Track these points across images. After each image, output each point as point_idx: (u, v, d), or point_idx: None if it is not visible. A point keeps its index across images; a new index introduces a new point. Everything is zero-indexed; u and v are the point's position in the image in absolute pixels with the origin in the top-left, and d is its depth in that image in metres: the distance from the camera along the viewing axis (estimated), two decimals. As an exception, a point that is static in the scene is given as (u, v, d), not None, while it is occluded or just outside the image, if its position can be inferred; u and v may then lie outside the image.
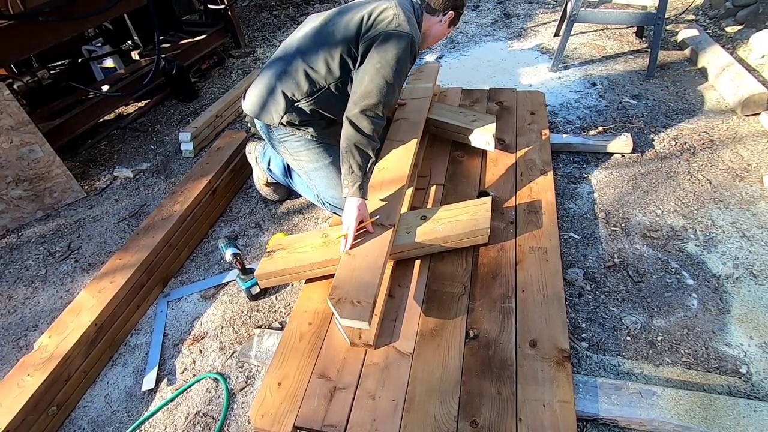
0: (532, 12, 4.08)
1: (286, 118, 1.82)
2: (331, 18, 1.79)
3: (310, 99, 1.78)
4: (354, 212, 1.59)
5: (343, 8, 1.80)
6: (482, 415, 1.30)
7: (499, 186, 2.06)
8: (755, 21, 3.15)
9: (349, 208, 1.62)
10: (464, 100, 2.63)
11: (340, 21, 1.75)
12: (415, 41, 1.68)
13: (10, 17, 2.29)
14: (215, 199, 2.30)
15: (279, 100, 1.80)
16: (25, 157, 2.35)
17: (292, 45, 1.83)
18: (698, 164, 2.24)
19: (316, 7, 4.80)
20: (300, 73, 1.76)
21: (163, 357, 1.74)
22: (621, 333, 1.60)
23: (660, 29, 2.80)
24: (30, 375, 1.49)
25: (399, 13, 1.69)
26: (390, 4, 1.73)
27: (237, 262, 1.79)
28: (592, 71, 3.10)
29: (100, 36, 3.50)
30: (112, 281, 1.78)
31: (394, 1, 1.74)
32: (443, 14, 1.85)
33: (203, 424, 1.52)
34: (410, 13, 1.75)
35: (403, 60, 1.65)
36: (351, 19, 1.73)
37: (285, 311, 1.84)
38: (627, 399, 1.35)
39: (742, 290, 1.68)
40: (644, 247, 1.88)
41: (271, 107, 1.82)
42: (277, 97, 1.80)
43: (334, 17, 1.79)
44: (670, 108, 2.65)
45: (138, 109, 3.35)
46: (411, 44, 1.66)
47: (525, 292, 1.60)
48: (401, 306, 1.61)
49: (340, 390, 1.40)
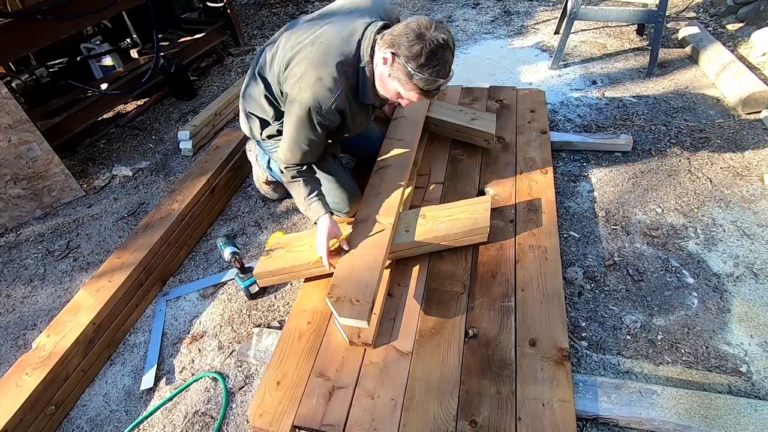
0: (532, 10, 4.07)
1: (266, 133, 1.83)
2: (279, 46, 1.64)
3: (277, 121, 1.76)
4: (323, 231, 1.61)
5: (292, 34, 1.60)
6: (481, 415, 1.30)
7: (498, 184, 2.05)
8: (756, 18, 3.14)
9: (319, 228, 1.63)
10: (464, 98, 2.62)
11: (276, 56, 1.62)
12: (314, 110, 1.48)
13: (9, 15, 2.28)
14: (214, 198, 2.29)
15: (254, 119, 1.82)
16: (24, 155, 2.34)
17: (256, 66, 1.74)
18: (699, 162, 2.23)
19: (316, 5, 4.78)
20: (262, 98, 1.72)
21: (162, 356, 1.74)
22: (621, 332, 1.60)
23: (661, 27, 2.79)
24: (28, 374, 1.49)
25: (305, 71, 1.47)
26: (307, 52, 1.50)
27: (236, 261, 1.78)
28: (593, 69, 3.09)
29: (98, 34, 3.48)
30: (110, 280, 1.78)
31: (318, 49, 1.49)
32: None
33: (202, 423, 1.51)
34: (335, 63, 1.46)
35: (304, 127, 1.53)
36: (282, 58, 1.58)
37: (284, 310, 1.83)
38: (627, 398, 1.35)
39: (742, 289, 1.67)
40: (644, 246, 1.87)
41: (251, 125, 1.85)
42: (251, 117, 1.82)
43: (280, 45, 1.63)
44: (671, 106, 2.64)
45: (137, 107, 3.34)
46: (309, 114, 1.49)
47: (525, 291, 1.60)
48: (400, 305, 1.61)
49: (338, 389, 1.40)
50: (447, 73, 1.41)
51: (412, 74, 1.37)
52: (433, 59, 1.34)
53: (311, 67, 1.48)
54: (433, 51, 1.33)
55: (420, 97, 1.45)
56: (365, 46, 1.48)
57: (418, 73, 1.36)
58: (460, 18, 4.07)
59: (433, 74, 1.37)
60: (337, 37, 1.49)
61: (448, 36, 1.37)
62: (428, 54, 1.33)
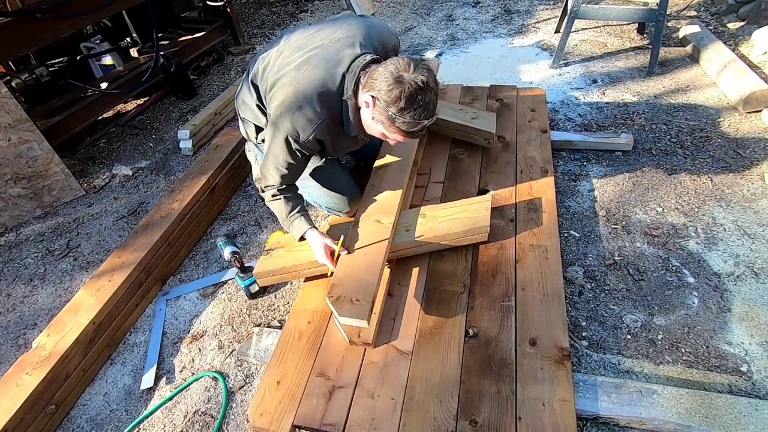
0: (532, 8, 4.06)
1: (261, 136, 1.82)
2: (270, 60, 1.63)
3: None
4: (317, 246, 1.61)
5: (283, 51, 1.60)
6: (482, 414, 1.30)
7: (499, 184, 2.05)
8: (757, 17, 3.13)
9: (312, 245, 1.64)
10: (464, 97, 2.62)
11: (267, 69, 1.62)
12: (291, 138, 1.47)
13: (8, 14, 2.28)
14: (214, 197, 2.29)
15: (249, 124, 1.81)
16: (24, 155, 2.34)
17: (250, 74, 1.73)
18: (699, 162, 2.22)
19: (316, 3, 4.77)
20: (254, 106, 1.71)
21: (162, 355, 1.74)
22: (621, 331, 1.59)
23: (661, 26, 2.78)
24: (28, 374, 1.49)
25: (286, 98, 1.45)
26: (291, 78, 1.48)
27: (236, 261, 1.78)
28: (593, 68, 3.08)
29: (98, 33, 3.48)
30: (110, 279, 1.78)
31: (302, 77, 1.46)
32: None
33: (202, 422, 1.51)
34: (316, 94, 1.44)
35: (282, 153, 1.52)
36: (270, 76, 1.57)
37: (284, 310, 1.83)
38: (627, 398, 1.34)
39: (743, 288, 1.67)
40: (645, 245, 1.87)
41: (246, 128, 1.86)
42: (246, 122, 1.82)
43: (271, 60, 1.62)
44: (672, 105, 2.63)
45: (137, 106, 3.34)
46: (287, 141, 1.48)
47: (525, 291, 1.59)
48: (400, 304, 1.61)
49: (339, 389, 1.40)
50: (430, 114, 1.37)
51: (393, 118, 1.35)
52: (414, 103, 1.32)
53: (293, 95, 1.45)
54: (412, 95, 1.30)
55: (405, 137, 1.43)
56: (349, 80, 1.44)
57: (399, 117, 1.34)
58: (461, 17, 4.06)
59: (414, 117, 1.34)
60: (323, 67, 1.46)
61: (428, 76, 1.33)
62: (407, 98, 1.31)
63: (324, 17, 4.48)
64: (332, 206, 1.90)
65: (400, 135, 1.42)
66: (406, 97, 1.31)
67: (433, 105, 1.38)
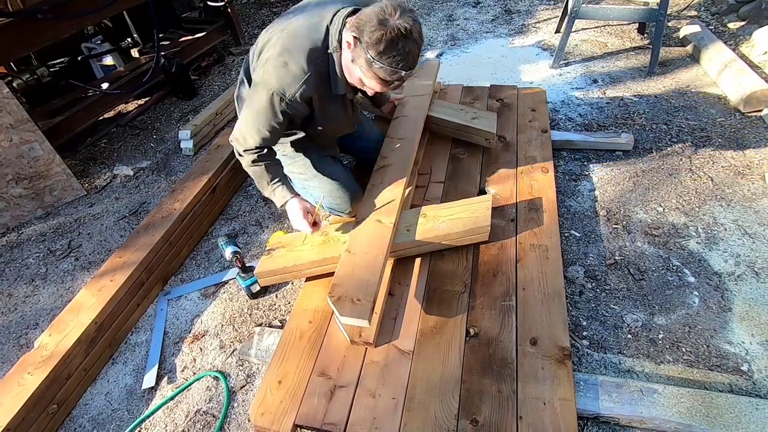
0: (533, 8, 4.06)
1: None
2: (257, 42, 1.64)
3: None
4: (296, 213, 1.61)
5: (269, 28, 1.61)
6: (482, 414, 1.30)
7: (499, 183, 2.05)
8: (758, 17, 3.13)
9: (291, 212, 1.65)
10: (465, 97, 2.62)
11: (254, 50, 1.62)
12: (276, 96, 1.45)
13: (9, 15, 2.29)
14: (215, 197, 2.29)
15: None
16: (25, 155, 2.34)
17: (243, 67, 1.74)
18: (700, 161, 2.22)
19: (316, 4, 4.78)
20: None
21: (164, 355, 1.74)
22: (622, 331, 1.60)
23: (662, 25, 2.78)
24: (30, 373, 1.49)
25: (271, 56, 1.45)
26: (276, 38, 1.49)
27: (237, 261, 1.78)
28: (594, 68, 3.09)
29: (99, 34, 3.48)
30: (112, 279, 1.78)
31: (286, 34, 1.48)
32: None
33: (203, 422, 1.52)
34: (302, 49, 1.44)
35: (266, 113, 1.49)
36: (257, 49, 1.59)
37: (285, 309, 1.84)
38: (628, 397, 1.35)
39: (743, 288, 1.67)
40: (645, 245, 1.87)
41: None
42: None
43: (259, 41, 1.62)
44: (672, 105, 2.63)
45: (138, 107, 3.34)
46: (271, 100, 1.46)
47: (526, 290, 1.60)
48: (401, 304, 1.61)
49: (340, 388, 1.40)
50: (409, 65, 1.35)
51: (371, 61, 1.33)
52: (393, 49, 1.30)
53: (278, 52, 1.44)
54: (393, 39, 1.29)
55: (382, 86, 1.42)
56: (333, 31, 1.44)
57: (377, 61, 1.32)
58: (461, 17, 4.07)
59: (393, 64, 1.32)
60: (306, 24, 1.47)
61: (412, 25, 1.31)
62: (388, 42, 1.29)
63: (324, 17, 4.48)
64: (335, 206, 1.90)
65: (377, 82, 1.40)
66: (387, 41, 1.28)
67: (414, 57, 1.36)
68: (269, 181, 1.65)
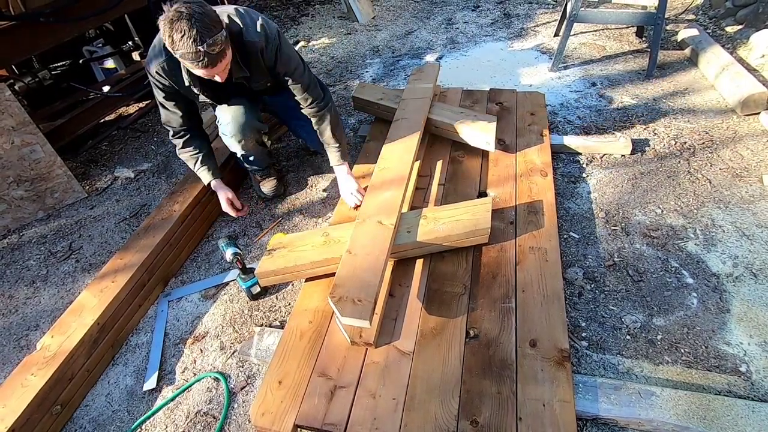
0: (532, 12, 4.08)
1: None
2: None
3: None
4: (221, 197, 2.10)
5: None
6: (482, 415, 1.30)
7: (499, 186, 2.06)
8: (755, 20, 3.15)
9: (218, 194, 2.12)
10: (464, 100, 2.63)
11: None
12: (147, 71, 1.77)
13: (11, 18, 2.30)
14: (215, 199, 2.29)
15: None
16: (27, 157, 2.35)
17: None
18: (698, 164, 2.24)
19: (316, 7, 4.80)
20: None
21: (164, 356, 1.75)
22: (621, 332, 1.60)
23: (660, 29, 2.80)
24: (34, 374, 1.50)
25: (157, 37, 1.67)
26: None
27: (237, 262, 1.79)
28: (592, 71, 3.10)
29: (100, 37, 3.50)
30: (113, 281, 1.79)
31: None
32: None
33: (204, 423, 1.52)
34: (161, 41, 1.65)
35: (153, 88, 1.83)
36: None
37: (285, 310, 1.84)
38: (626, 399, 1.35)
39: (741, 289, 1.68)
40: (644, 247, 1.88)
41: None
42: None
43: None
44: (670, 108, 2.65)
45: (139, 109, 3.35)
46: (148, 74, 1.78)
47: (525, 292, 1.60)
48: (402, 305, 1.62)
49: (340, 389, 1.40)
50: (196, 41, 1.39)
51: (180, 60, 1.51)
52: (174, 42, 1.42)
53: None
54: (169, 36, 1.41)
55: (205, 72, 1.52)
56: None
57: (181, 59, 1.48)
58: (461, 20, 4.09)
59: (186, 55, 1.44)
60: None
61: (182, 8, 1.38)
62: (170, 40, 1.42)
63: (324, 20, 4.50)
64: (224, 131, 2.04)
65: (198, 71, 1.52)
66: (169, 39, 1.42)
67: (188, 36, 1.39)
68: (193, 165, 2.05)
